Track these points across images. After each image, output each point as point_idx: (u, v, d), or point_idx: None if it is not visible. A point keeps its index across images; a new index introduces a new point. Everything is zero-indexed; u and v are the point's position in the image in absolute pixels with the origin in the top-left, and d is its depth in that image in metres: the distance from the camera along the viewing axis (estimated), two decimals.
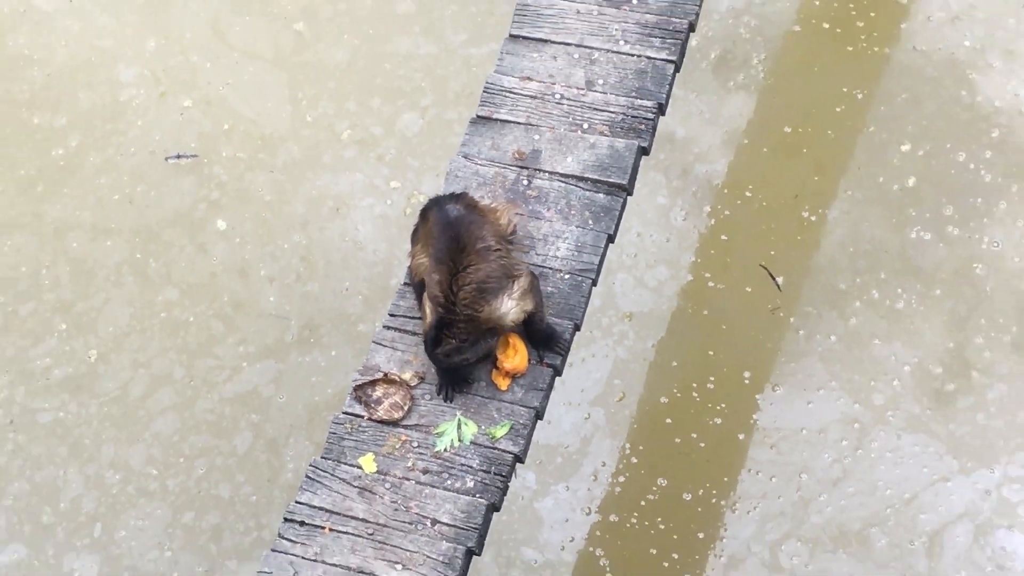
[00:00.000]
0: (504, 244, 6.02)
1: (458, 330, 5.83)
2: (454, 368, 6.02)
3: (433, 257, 5.93)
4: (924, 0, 8.39)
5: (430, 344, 5.92)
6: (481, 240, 5.89)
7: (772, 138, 8.16)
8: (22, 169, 8.12)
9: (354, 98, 8.27)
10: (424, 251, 6.07)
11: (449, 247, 5.89)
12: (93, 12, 8.53)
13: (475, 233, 5.92)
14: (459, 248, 5.88)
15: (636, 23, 6.80)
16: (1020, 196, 7.85)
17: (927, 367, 7.50)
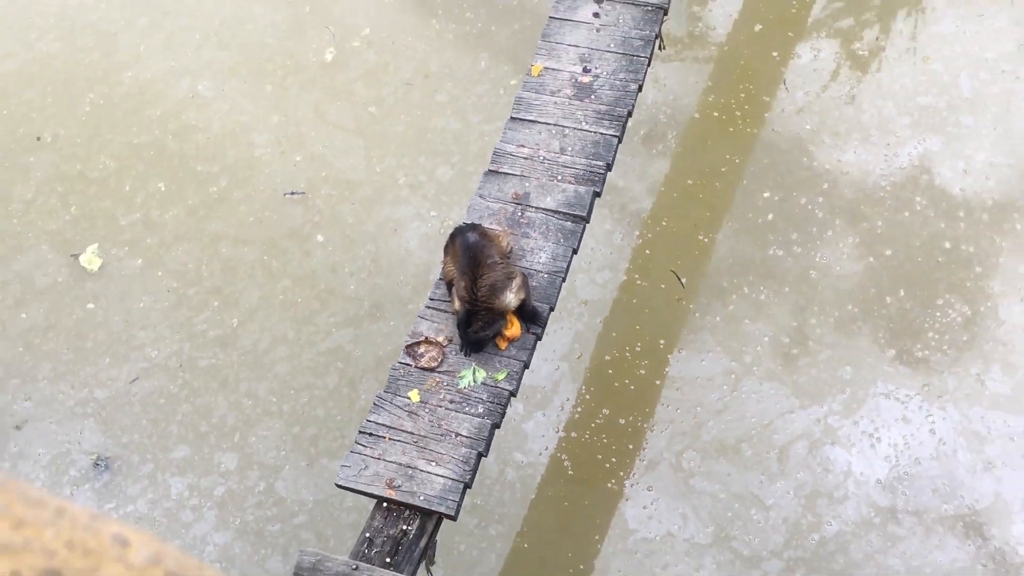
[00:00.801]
0: (504, 258, 6.21)
1: (479, 317, 6.05)
2: (476, 340, 6.17)
3: (459, 270, 6.14)
4: (780, 98, 8.23)
5: (463, 327, 6.11)
6: (490, 257, 6.10)
7: (680, 188, 8.03)
8: (190, 200, 8.04)
9: (407, 156, 8.16)
10: (452, 262, 6.25)
11: (469, 263, 6.09)
12: (237, 98, 8.41)
13: (485, 252, 6.13)
14: (476, 264, 6.08)
15: (593, 111, 6.81)
16: (841, 227, 7.72)
17: (779, 338, 7.42)
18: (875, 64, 8.36)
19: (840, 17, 8.55)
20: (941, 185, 7.80)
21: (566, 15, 7.03)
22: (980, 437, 7.04)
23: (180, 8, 8.76)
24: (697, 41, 8.52)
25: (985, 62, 8.17)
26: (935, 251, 7.61)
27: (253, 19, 8.71)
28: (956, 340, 7.33)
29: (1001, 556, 6.71)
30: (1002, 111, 7.98)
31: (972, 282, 7.48)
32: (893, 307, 7.48)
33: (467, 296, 6.02)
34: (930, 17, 8.42)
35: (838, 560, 6.73)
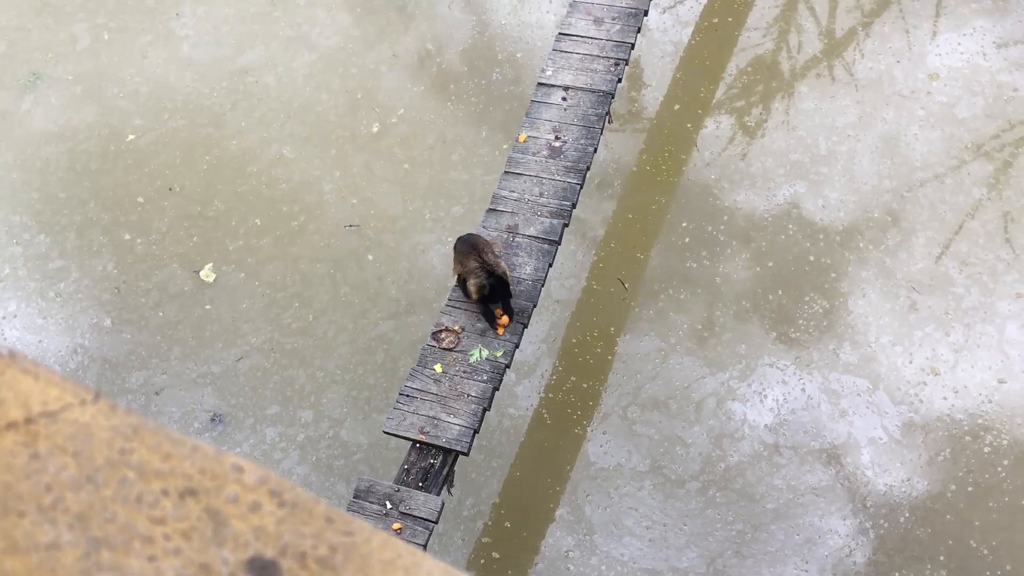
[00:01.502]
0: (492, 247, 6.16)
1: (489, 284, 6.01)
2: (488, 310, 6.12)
3: (465, 256, 6.09)
4: (693, 156, 8.14)
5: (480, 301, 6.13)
6: (484, 243, 6.09)
7: (623, 220, 7.95)
8: (277, 231, 7.97)
9: (431, 200, 8.09)
10: (459, 259, 6.19)
11: (471, 248, 6.03)
12: (311, 159, 8.34)
13: (480, 240, 6.07)
14: (476, 247, 6.02)
15: (563, 166, 6.75)
16: (736, 247, 7.63)
17: (695, 325, 7.36)
18: (760, 132, 8.25)
19: (735, 99, 8.46)
20: (807, 216, 7.74)
21: (543, 99, 6.98)
22: (836, 394, 7.00)
23: (270, 95, 8.70)
24: (634, 116, 8.44)
25: (836, 129, 8.11)
26: (803, 263, 7.55)
27: (321, 103, 8.65)
28: (818, 325, 7.28)
29: (853, 477, 6.69)
30: (848, 163, 7.94)
31: (829, 284, 7.43)
32: (774, 302, 7.41)
33: (481, 265, 5.99)
34: (797, 98, 8.35)
35: (738, 481, 6.70)
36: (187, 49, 8.99)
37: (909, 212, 7.60)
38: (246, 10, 9.17)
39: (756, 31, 8.62)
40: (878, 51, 8.34)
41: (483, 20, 8.97)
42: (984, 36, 8.19)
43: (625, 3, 7.08)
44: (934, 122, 7.92)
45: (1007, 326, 7.02)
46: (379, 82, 8.70)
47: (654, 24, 8.64)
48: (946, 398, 6.83)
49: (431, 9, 9.09)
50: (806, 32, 8.60)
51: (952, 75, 8.07)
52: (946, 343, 7.01)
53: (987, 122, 7.84)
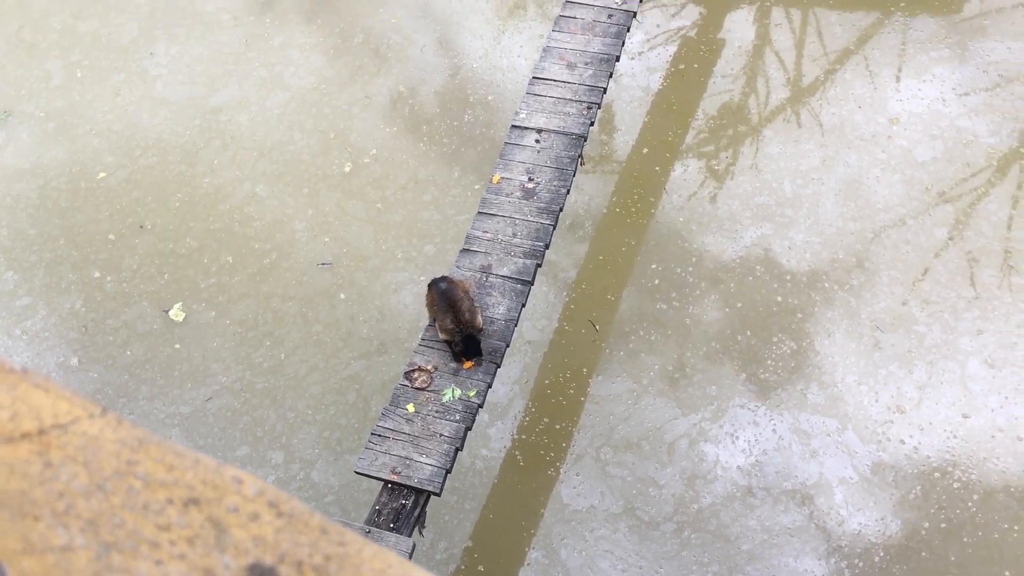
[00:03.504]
0: (465, 293, 6.17)
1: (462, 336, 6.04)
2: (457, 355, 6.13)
3: (440, 311, 6.09)
4: (662, 199, 8.25)
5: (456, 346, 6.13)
6: (458, 297, 6.03)
7: (594, 261, 8.02)
8: (249, 269, 7.96)
9: (404, 238, 8.11)
10: (433, 304, 6.22)
11: (447, 305, 6.05)
12: (283, 197, 8.36)
13: (456, 294, 6.09)
14: (452, 303, 6.04)
15: (536, 207, 6.82)
16: (705, 288, 7.72)
17: (666, 366, 7.39)
18: (727, 175, 8.38)
19: (703, 144, 8.60)
20: (773, 258, 7.84)
21: (516, 141, 7.06)
22: (807, 434, 7.05)
23: (243, 134, 8.73)
24: (605, 159, 8.55)
25: (800, 172, 8.24)
26: (771, 304, 7.64)
27: (294, 142, 8.70)
28: (787, 366, 7.35)
29: (827, 517, 6.73)
30: (813, 206, 8.07)
31: (796, 325, 7.51)
32: (743, 343, 7.48)
33: (455, 326, 6.03)
34: (763, 143, 8.50)
35: (712, 523, 6.71)
36: (160, 88, 9.02)
37: (872, 253, 7.75)
38: (220, 50, 9.24)
39: (724, 78, 8.82)
40: (841, 97, 8.56)
41: (455, 63, 9.10)
42: (943, 83, 8.45)
43: (597, 49, 7.24)
44: (895, 165, 8.12)
45: (968, 362, 7.16)
46: (352, 122, 8.77)
47: (624, 69, 8.81)
48: (913, 435, 6.93)
49: (404, 52, 9.21)
50: (772, 79, 8.81)
51: (912, 120, 8.30)
52: (910, 381, 7.13)
53: (946, 165, 8.06)
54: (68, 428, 0.76)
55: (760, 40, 9.01)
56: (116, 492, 0.74)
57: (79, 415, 0.78)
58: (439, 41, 9.22)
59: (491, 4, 9.39)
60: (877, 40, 8.81)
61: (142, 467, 0.76)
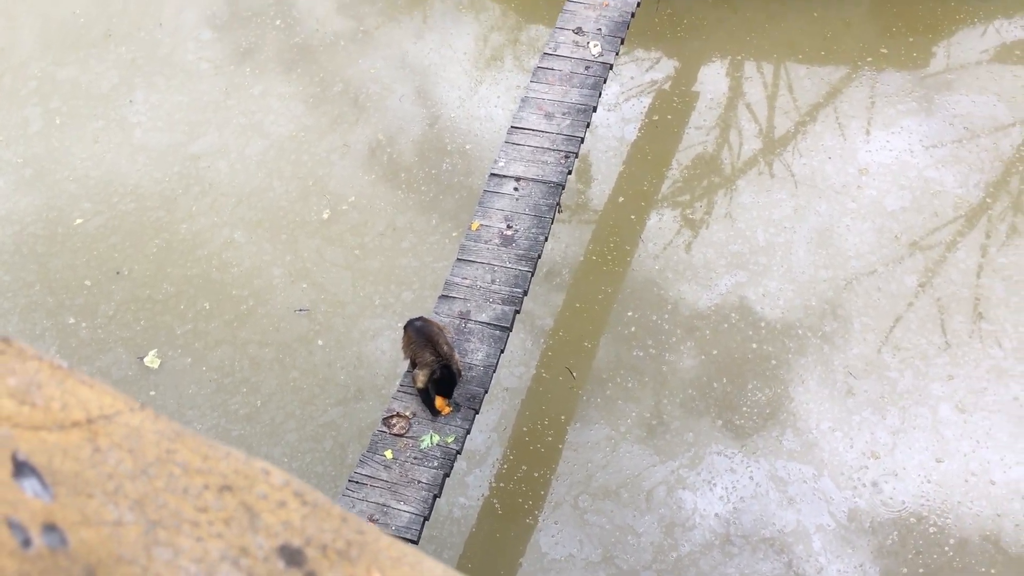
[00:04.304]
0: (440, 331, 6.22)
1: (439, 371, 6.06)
2: (429, 399, 6.16)
3: (419, 347, 6.13)
4: (638, 248, 8.38)
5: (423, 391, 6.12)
6: (436, 332, 6.11)
7: (571, 309, 8.06)
8: (226, 315, 7.97)
9: (382, 284, 8.17)
10: (410, 345, 6.26)
11: (425, 340, 6.09)
12: (261, 243, 8.42)
13: (432, 329, 6.14)
14: (430, 338, 6.09)
15: (514, 254, 6.92)
16: (681, 335, 7.81)
17: (643, 414, 7.45)
18: (702, 224, 8.54)
19: (678, 193, 8.78)
20: (748, 305, 7.98)
21: (495, 189, 7.19)
22: (783, 481, 7.12)
23: (222, 181, 8.81)
24: (582, 208, 8.69)
25: (773, 221, 8.42)
26: (746, 351, 7.75)
27: (272, 189, 8.78)
28: (762, 412, 7.45)
29: (805, 565, 6.78)
30: (785, 253, 8.22)
31: (771, 372, 7.63)
32: (719, 390, 7.57)
33: (436, 359, 6.06)
34: (737, 192, 8.69)
35: (691, 571, 6.72)
36: (140, 135, 9.10)
37: (844, 300, 7.92)
38: (200, 98, 9.36)
39: (698, 129, 9.04)
40: (812, 148, 8.80)
41: (434, 113, 9.26)
42: (911, 135, 8.73)
43: (575, 99, 7.43)
44: (865, 214, 8.33)
45: (940, 407, 7.30)
46: (331, 170, 8.88)
47: (600, 120, 9.02)
48: (888, 481, 7.02)
49: (382, 101, 9.37)
50: (745, 131, 9.04)
51: (881, 170, 8.55)
52: (884, 426, 7.25)
53: (915, 215, 8.28)
54: (112, 419, 0.83)
55: (733, 93, 9.27)
56: (158, 477, 0.81)
57: (121, 408, 0.85)
58: (417, 91, 9.40)
59: (469, 55, 9.61)
60: (846, 93, 9.10)
61: (180, 456, 0.83)
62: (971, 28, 9.36)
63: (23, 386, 0.79)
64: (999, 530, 6.79)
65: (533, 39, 9.67)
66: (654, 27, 9.54)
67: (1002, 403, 7.26)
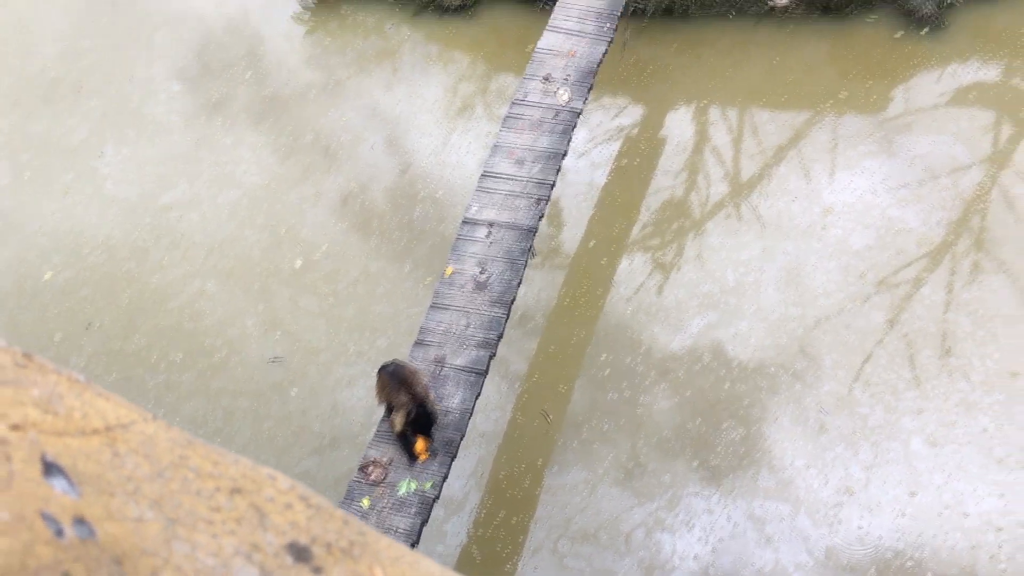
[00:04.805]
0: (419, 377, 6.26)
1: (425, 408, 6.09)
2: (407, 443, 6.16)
3: (394, 390, 6.16)
4: (610, 291, 8.47)
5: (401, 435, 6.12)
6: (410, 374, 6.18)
7: (545, 353, 8.16)
8: (199, 366, 7.96)
9: (356, 332, 8.21)
10: (384, 389, 6.29)
11: (400, 382, 6.13)
12: (234, 293, 8.44)
13: (406, 371, 6.19)
14: (404, 380, 6.13)
15: (488, 299, 7.01)
16: (655, 377, 7.89)
17: (619, 456, 7.49)
18: (672, 267, 8.67)
19: (649, 237, 8.92)
20: (719, 345, 8.09)
21: (468, 234, 7.29)
22: (761, 520, 7.18)
23: (193, 231, 8.85)
24: (554, 252, 8.79)
25: (742, 262, 8.56)
26: (719, 391, 7.85)
27: (244, 239, 8.82)
28: (737, 451, 7.52)
29: None
30: (755, 293, 8.37)
31: (744, 411, 7.72)
32: (694, 430, 7.63)
33: (411, 399, 6.08)
34: (706, 235, 8.84)
35: None
36: (110, 187, 9.14)
37: (814, 338, 8.05)
38: (171, 150, 9.42)
39: (666, 174, 9.23)
40: (777, 190, 9.01)
41: (405, 161, 9.38)
42: (873, 175, 8.97)
43: (545, 145, 7.58)
44: (831, 253, 8.52)
45: (911, 441, 7.41)
46: (303, 219, 8.95)
47: (569, 166, 9.17)
48: (863, 516, 7.10)
49: (354, 150, 9.48)
50: (712, 174, 9.24)
51: (846, 210, 8.76)
52: (857, 462, 7.34)
53: (880, 252, 8.48)
54: (129, 428, 0.89)
55: (699, 137, 9.49)
56: (173, 479, 0.87)
57: (136, 419, 0.91)
58: (388, 140, 9.53)
59: (439, 104, 9.78)
60: (809, 136, 9.35)
61: (192, 461, 0.90)
62: (927, 72, 9.68)
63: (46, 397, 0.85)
64: (975, 562, 6.87)
65: (502, 88, 9.86)
66: (620, 74, 9.77)
67: (972, 435, 7.39)
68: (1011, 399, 7.56)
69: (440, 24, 10.26)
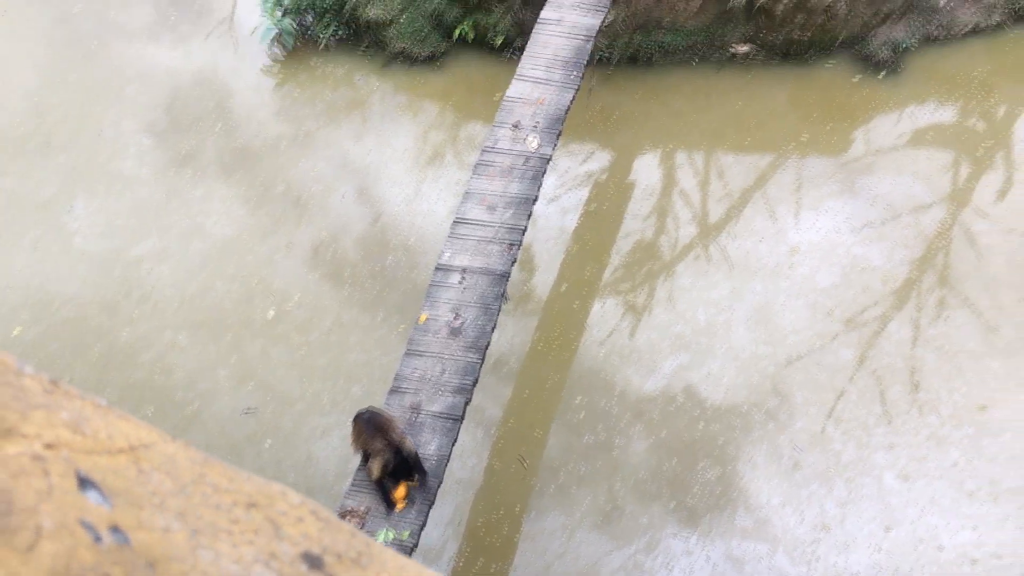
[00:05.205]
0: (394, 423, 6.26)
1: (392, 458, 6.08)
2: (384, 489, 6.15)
3: (370, 437, 6.16)
4: (583, 333, 8.57)
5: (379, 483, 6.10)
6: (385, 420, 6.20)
7: (520, 398, 8.21)
8: (171, 419, 7.89)
9: (330, 381, 8.22)
10: (359, 436, 6.29)
11: (376, 429, 6.14)
12: (206, 344, 8.43)
13: (383, 418, 6.22)
14: (381, 427, 6.14)
15: (463, 344, 7.04)
16: (630, 419, 7.95)
17: (597, 499, 7.52)
18: (644, 308, 8.80)
19: (620, 280, 9.05)
20: (693, 385, 8.20)
21: (441, 281, 7.35)
22: (739, 560, 7.23)
23: (164, 284, 8.85)
24: (526, 297, 8.90)
25: (711, 302, 8.73)
26: (694, 430, 7.93)
27: (215, 290, 8.84)
28: (713, 491, 7.59)
29: None
30: (726, 333, 8.51)
31: (719, 450, 7.81)
32: (670, 471, 7.70)
33: (387, 447, 6.08)
34: (676, 277, 9.00)
35: None
36: (79, 241, 9.14)
37: (785, 376, 8.19)
38: (141, 203, 9.46)
39: (635, 217, 9.41)
40: (745, 230, 9.21)
41: (376, 210, 9.48)
42: (837, 215, 9.21)
43: (516, 191, 7.72)
44: (798, 291, 8.71)
45: (884, 476, 7.53)
46: (275, 269, 8.99)
47: (540, 211, 9.33)
48: (840, 552, 7.18)
49: (325, 201, 9.57)
50: (680, 217, 9.43)
51: (811, 249, 8.98)
52: (832, 498, 7.44)
53: (846, 290, 8.68)
54: (151, 447, 0.96)
55: (666, 181, 9.70)
56: (194, 494, 0.93)
57: (156, 439, 0.98)
58: (359, 190, 9.64)
59: (409, 153, 9.92)
60: (773, 178, 9.59)
61: (210, 478, 0.96)
62: (885, 114, 10.00)
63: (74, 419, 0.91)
64: None
65: (471, 136, 10.03)
66: (587, 121, 9.99)
67: (943, 469, 7.53)
68: (979, 432, 7.72)
69: (409, 75, 10.45)
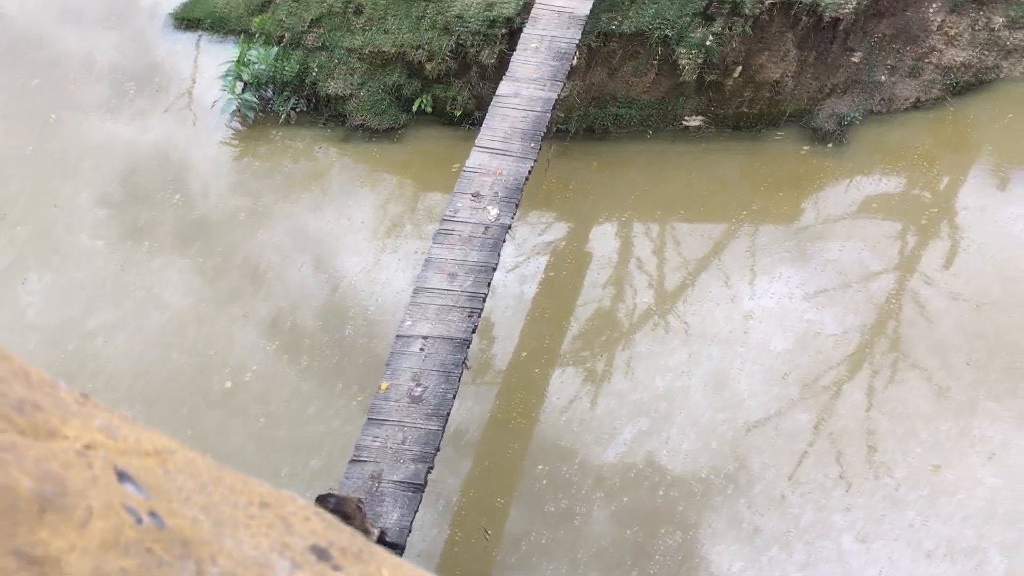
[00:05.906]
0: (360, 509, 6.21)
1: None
2: None
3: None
4: (543, 402, 8.71)
5: None
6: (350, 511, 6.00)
7: (480, 467, 8.23)
8: None
9: (288, 452, 8.21)
10: None
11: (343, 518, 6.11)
12: (162, 417, 8.36)
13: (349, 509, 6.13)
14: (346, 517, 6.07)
15: (424, 412, 7.07)
16: (591, 486, 8.04)
17: (560, 569, 7.51)
18: (603, 376, 8.97)
19: (579, 348, 9.23)
20: (652, 452, 8.33)
21: (402, 349, 7.43)
22: None
23: (119, 356, 8.82)
24: (486, 366, 9.01)
25: (669, 368, 8.92)
26: (655, 495, 8.04)
27: (172, 361, 8.83)
28: (675, 558, 7.67)
29: None
30: (683, 399, 8.69)
31: (680, 516, 7.91)
32: (632, 538, 7.78)
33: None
34: (634, 346, 9.20)
35: None
36: (32, 314, 9.11)
37: (743, 440, 8.37)
38: (96, 275, 9.48)
39: (593, 286, 9.64)
40: (700, 297, 9.49)
41: (334, 279, 9.60)
42: (789, 281, 9.54)
43: (476, 259, 7.90)
44: (754, 356, 8.95)
45: (843, 538, 7.68)
46: (232, 340, 9.02)
47: (499, 280, 9.52)
48: None
49: (283, 271, 9.67)
50: (637, 285, 9.69)
51: (765, 315, 9.26)
52: (792, 562, 7.56)
53: (800, 354, 8.95)
54: (174, 453, 1.08)
55: (623, 250, 9.97)
56: (215, 493, 1.05)
57: (176, 448, 1.10)
58: (318, 260, 9.76)
59: (368, 224, 10.09)
60: (727, 246, 9.92)
61: (227, 481, 1.08)
62: (833, 183, 10.45)
63: (106, 426, 1.03)
64: None
65: (430, 206, 10.25)
66: (544, 191, 10.28)
67: (900, 530, 7.70)
68: (934, 493, 7.93)
69: (368, 147, 10.69)
